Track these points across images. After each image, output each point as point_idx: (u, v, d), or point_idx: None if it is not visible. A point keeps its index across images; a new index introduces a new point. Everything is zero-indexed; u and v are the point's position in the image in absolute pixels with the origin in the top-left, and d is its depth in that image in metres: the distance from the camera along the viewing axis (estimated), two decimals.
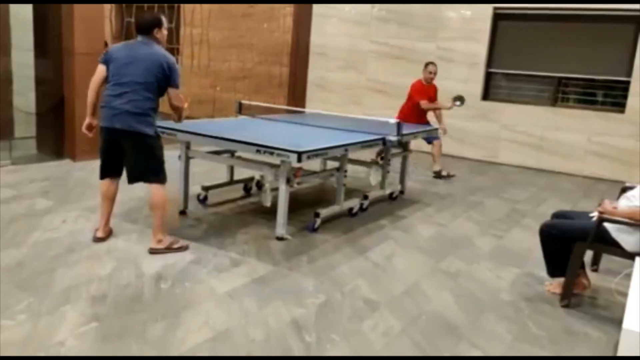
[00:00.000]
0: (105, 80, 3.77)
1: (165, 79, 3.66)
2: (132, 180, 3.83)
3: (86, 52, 6.32)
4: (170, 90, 3.72)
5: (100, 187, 4.00)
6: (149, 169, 3.78)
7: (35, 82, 6.65)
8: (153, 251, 3.79)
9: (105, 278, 3.33)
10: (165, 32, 3.84)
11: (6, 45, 6.75)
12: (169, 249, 3.82)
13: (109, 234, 4.04)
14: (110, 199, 3.98)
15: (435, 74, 7.08)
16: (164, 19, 3.82)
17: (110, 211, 4.02)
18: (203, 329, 2.81)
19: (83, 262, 3.56)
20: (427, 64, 7.12)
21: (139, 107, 3.65)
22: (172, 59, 3.75)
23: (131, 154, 3.78)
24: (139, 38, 3.76)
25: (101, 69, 3.78)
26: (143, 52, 3.67)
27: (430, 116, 7.29)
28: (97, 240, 3.94)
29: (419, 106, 6.97)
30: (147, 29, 3.75)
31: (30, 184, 5.36)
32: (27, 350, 2.50)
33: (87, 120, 3.94)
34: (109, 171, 3.94)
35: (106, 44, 8.10)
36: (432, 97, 7.16)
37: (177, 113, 3.86)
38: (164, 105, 3.86)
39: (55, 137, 6.59)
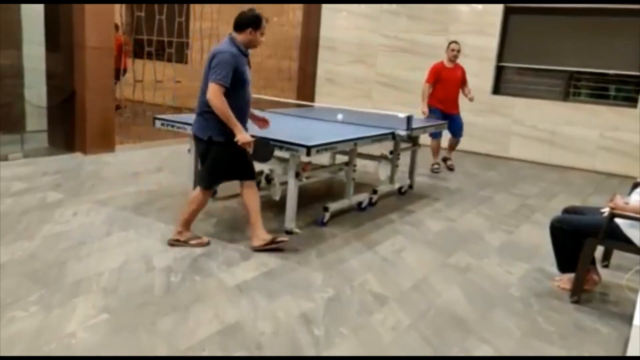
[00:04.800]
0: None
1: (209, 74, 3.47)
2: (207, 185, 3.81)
3: (97, 45, 6.36)
4: (209, 84, 3.46)
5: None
6: (201, 174, 3.81)
7: (46, 76, 6.69)
8: (170, 242, 3.81)
9: (115, 271, 3.36)
10: (260, 37, 3.59)
11: (17, 39, 6.79)
12: (186, 243, 3.81)
13: (263, 239, 3.82)
14: (247, 205, 3.83)
15: (458, 51, 6.98)
16: (264, 22, 3.58)
17: (253, 219, 3.83)
18: (213, 322, 2.83)
19: (94, 254, 3.59)
20: (449, 43, 7.08)
21: (198, 110, 3.63)
22: (222, 53, 3.47)
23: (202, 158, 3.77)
24: (229, 35, 3.59)
25: None
26: (214, 48, 3.56)
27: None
28: (254, 249, 3.82)
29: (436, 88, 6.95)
30: (241, 25, 3.54)
31: (41, 177, 5.40)
32: (39, 341, 2.52)
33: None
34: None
35: (117, 27, 8.14)
36: (447, 79, 7.00)
37: (219, 115, 3.48)
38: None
39: (66, 130, 6.63)
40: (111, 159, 6.42)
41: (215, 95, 3.43)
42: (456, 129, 7.11)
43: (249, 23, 3.54)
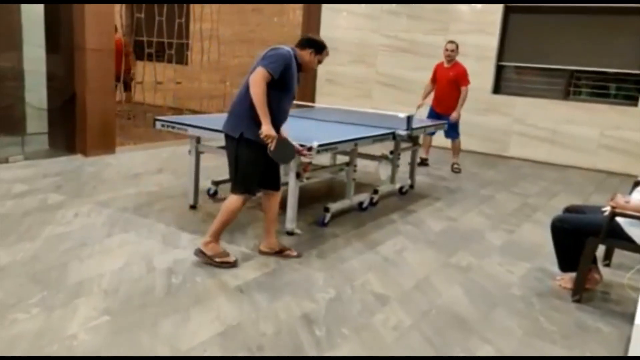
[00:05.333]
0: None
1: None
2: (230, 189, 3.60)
3: (97, 47, 6.36)
4: (257, 69, 3.29)
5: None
6: (235, 179, 3.55)
7: (46, 78, 6.69)
8: (196, 252, 3.57)
9: (117, 272, 3.36)
10: (316, 60, 3.57)
11: (18, 41, 6.79)
12: (211, 259, 3.52)
13: (272, 248, 3.79)
14: (265, 212, 3.78)
15: (452, 51, 7.00)
16: (326, 51, 3.60)
17: (267, 226, 3.78)
18: (214, 323, 2.83)
19: (95, 256, 3.59)
20: (445, 43, 7.11)
21: (231, 108, 3.51)
22: (281, 49, 3.41)
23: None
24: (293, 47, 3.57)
25: None
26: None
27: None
28: (260, 252, 3.79)
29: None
30: (302, 44, 3.57)
31: (42, 178, 5.41)
32: (40, 343, 2.53)
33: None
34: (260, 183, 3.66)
35: (115, 28, 8.14)
36: (439, 79, 7.07)
37: (255, 103, 3.29)
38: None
39: (66, 132, 6.64)
40: (112, 160, 6.43)
41: (259, 78, 3.26)
42: (446, 130, 6.95)
43: (313, 45, 3.56)
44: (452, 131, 7.16)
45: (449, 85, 7.06)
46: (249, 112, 3.35)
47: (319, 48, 3.57)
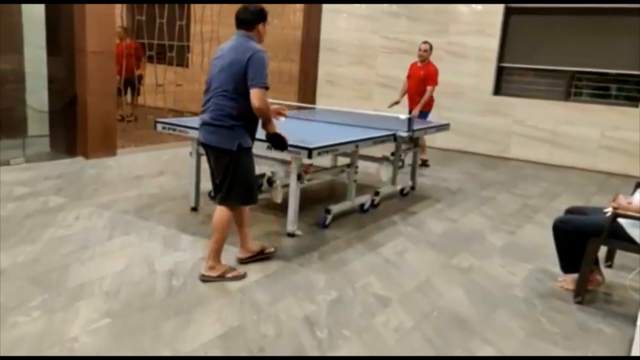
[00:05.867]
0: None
1: (245, 78, 3.14)
2: (218, 200, 3.41)
3: (98, 50, 6.37)
4: (251, 91, 3.13)
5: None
6: (238, 191, 3.34)
7: (47, 80, 6.70)
8: (204, 278, 3.34)
9: (118, 275, 3.36)
10: (265, 31, 3.35)
11: (19, 44, 6.80)
12: (222, 277, 3.35)
13: (252, 251, 3.68)
14: (238, 225, 3.54)
15: (425, 51, 7.00)
16: (267, 14, 3.36)
17: (240, 233, 3.60)
18: (215, 325, 2.82)
19: (96, 258, 3.59)
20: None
21: (219, 115, 3.23)
22: (259, 52, 3.17)
23: (216, 171, 3.39)
24: (238, 33, 3.30)
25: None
26: (229, 47, 3.25)
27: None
28: (238, 260, 3.62)
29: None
30: (249, 25, 3.27)
31: (43, 181, 5.41)
32: (42, 345, 2.52)
33: None
34: (214, 190, 3.54)
35: (126, 31, 8.17)
36: (412, 77, 7.12)
37: (262, 117, 3.27)
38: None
39: (67, 134, 6.64)
40: (113, 162, 6.43)
41: (262, 100, 3.13)
42: None
43: (259, 18, 3.31)
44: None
45: (419, 84, 7.06)
46: (239, 122, 3.23)
47: (264, 17, 3.33)
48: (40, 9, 6.53)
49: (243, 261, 3.65)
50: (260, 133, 3.43)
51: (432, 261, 3.99)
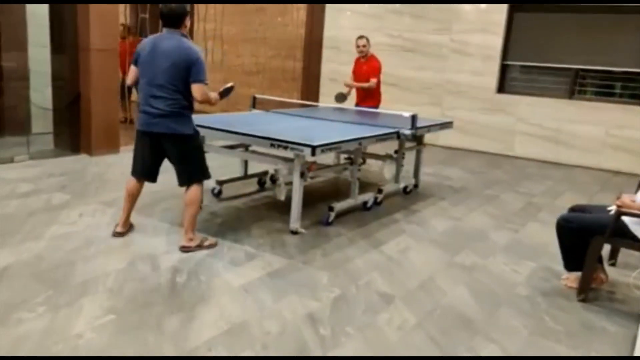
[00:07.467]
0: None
1: (188, 74, 3.53)
2: (183, 183, 3.82)
3: (102, 48, 6.38)
4: (194, 86, 3.56)
5: (127, 183, 3.97)
6: (194, 169, 3.80)
7: (51, 78, 6.72)
8: (185, 249, 3.73)
9: (121, 271, 3.37)
10: (189, 22, 3.69)
11: (23, 42, 6.82)
12: (200, 247, 3.78)
13: (128, 229, 4.04)
14: (134, 197, 3.97)
15: (363, 46, 7.00)
16: (189, 8, 3.69)
17: (132, 208, 4.00)
18: (218, 322, 2.83)
19: (100, 255, 3.60)
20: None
21: (175, 107, 3.59)
22: (198, 53, 3.59)
23: (175, 157, 3.77)
24: (166, 31, 3.61)
25: (133, 70, 3.73)
26: (171, 47, 3.52)
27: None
28: (117, 235, 3.94)
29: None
30: (177, 21, 3.58)
31: (47, 178, 5.42)
32: (46, 342, 2.53)
33: None
34: (142, 173, 3.91)
35: (129, 29, 8.16)
36: (357, 72, 7.12)
37: (207, 103, 3.77)
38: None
39: (71, 132, 6.66)
40: (116, 160, 6.44)
41: (204, 92, 3.61)
42: None
43: (183, 15, 3.62)
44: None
45: (364, 79, 7.07)
46: (185, 110, 3.66)
47: (187, 12, 3.64)
48: (44, 8, 6.55)
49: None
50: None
51: (436, 259, 3.99)
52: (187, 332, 2.71)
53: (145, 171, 3.88)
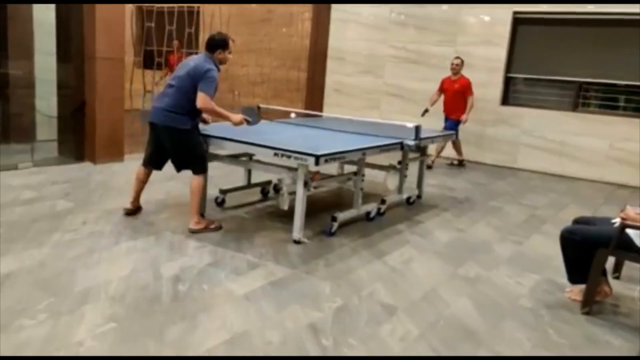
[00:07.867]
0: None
1: (197, 84, 4.08)
2: (178, 170, 4.45)
3: (107, 56, 6.42)
4: (198, 94, 4.08)
5: (137, 169, 4.60)
6: (190, 160, 4.33)
7: (57, 86, 6.76)
8: (193, 231, 4.25)
9: (124, 279, 3.36)
10: (229, 55, 4.30)
11: (29, 50, 6.88)
12: (207, 228, 4.31)
13: (137, 208, 4.65)
14: (141, 182, 4.58)
15: (457, 65, 7.98)
16: (230, 43, 4.30)
17: (140, 190, 4.61)
18: (220, 331, 2.82)
19: (102, 263, 3.60)
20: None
21: (178, 108, 4.16)
22: (213, 70, 4.13)
23: (169, 148, 4.35)
24: (203, 53, 4.28)
25: None
26: (194, 61, 4.19)
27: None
28: (127, 212, 4.57)
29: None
30: (211, 47, 4.24)
31: (51, 185, 5.43)
32: (47, 349, 2.53)
33: None
34: (147, 162, 4.56)
35: (180, 45, 8.32)
36: (447, 90, 8.03)
37: (207, 114, 4.42)
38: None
39: (76, 140, 6.69)
40: (120, 168, 6.45)
41: (208, 103, 4.11)
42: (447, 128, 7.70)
43: (218, 46, 4.25)
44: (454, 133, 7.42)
45: (455, 96, 7.84)
46: (187, 110, 4.16)
47: (224, 45, 4.26)
48: (51, 16, 6.61)
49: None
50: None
51: (439, 270, 3.97)
52: (188, 341, 2.70)
53: (148, 159, 4.53)
